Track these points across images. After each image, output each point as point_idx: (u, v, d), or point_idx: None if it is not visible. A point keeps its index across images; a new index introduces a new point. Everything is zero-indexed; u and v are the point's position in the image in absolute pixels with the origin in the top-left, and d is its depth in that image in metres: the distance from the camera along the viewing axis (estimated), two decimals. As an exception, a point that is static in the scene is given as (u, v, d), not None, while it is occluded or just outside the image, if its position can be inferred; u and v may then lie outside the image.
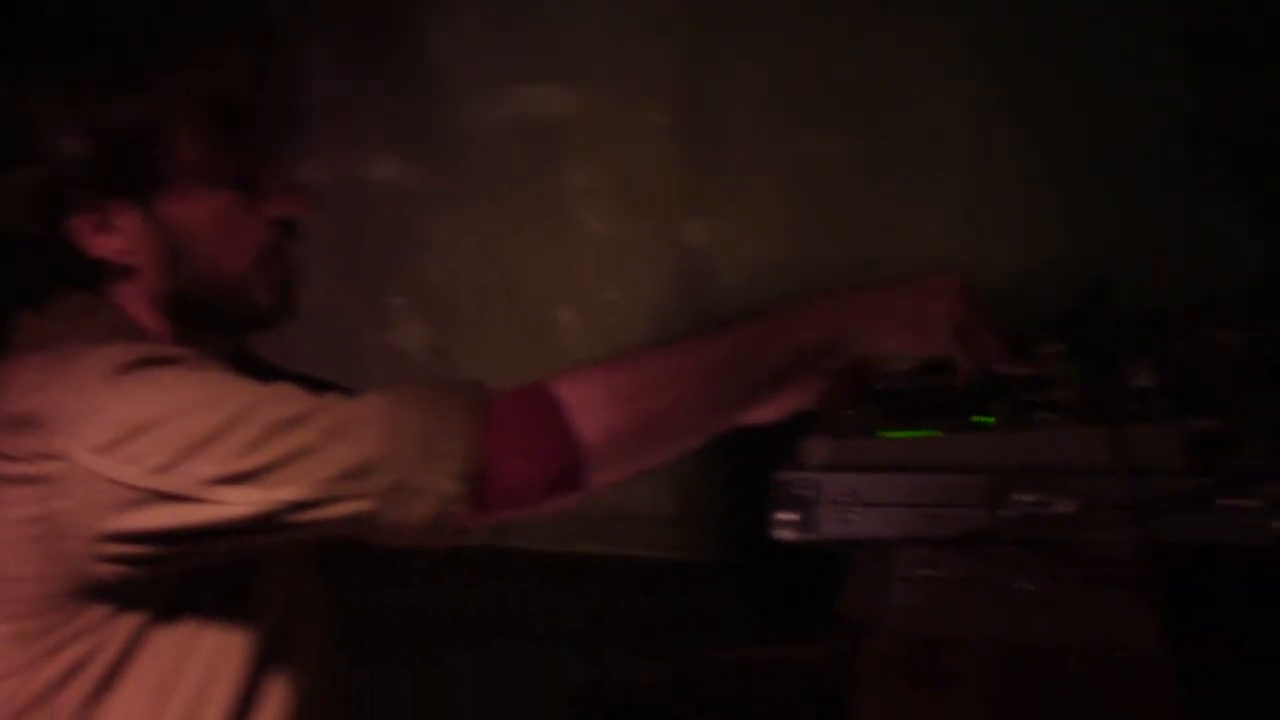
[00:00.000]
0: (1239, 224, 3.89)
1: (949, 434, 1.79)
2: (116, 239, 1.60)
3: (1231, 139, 3.88)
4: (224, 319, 1.68)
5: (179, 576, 1.58)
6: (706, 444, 1.64)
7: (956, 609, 1.62)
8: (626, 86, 4.38)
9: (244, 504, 1.47)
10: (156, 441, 1.46)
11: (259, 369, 1.71)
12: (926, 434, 1.79)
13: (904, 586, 1.67)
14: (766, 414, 1.71)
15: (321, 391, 1.55)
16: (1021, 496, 1.71)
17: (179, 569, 1.56)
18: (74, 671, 1.57)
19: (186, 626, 1.60)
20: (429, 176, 4.61)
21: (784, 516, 1.75)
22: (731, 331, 1.64)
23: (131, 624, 1.57)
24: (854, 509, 1.74)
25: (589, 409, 1.54)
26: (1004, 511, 1.71)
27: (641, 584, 4.33)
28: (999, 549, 1.71)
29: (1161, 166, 3.95)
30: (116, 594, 1.55)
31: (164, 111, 1.56)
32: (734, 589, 4.12)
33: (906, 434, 1.79)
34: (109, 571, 1.51)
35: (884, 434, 1.80)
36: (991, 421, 1.81)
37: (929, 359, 1.80)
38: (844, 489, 1.74)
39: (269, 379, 1.55)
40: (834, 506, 1.74)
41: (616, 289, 4.51)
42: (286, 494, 1.47)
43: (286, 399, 1.51)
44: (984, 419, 1.81)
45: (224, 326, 1.70)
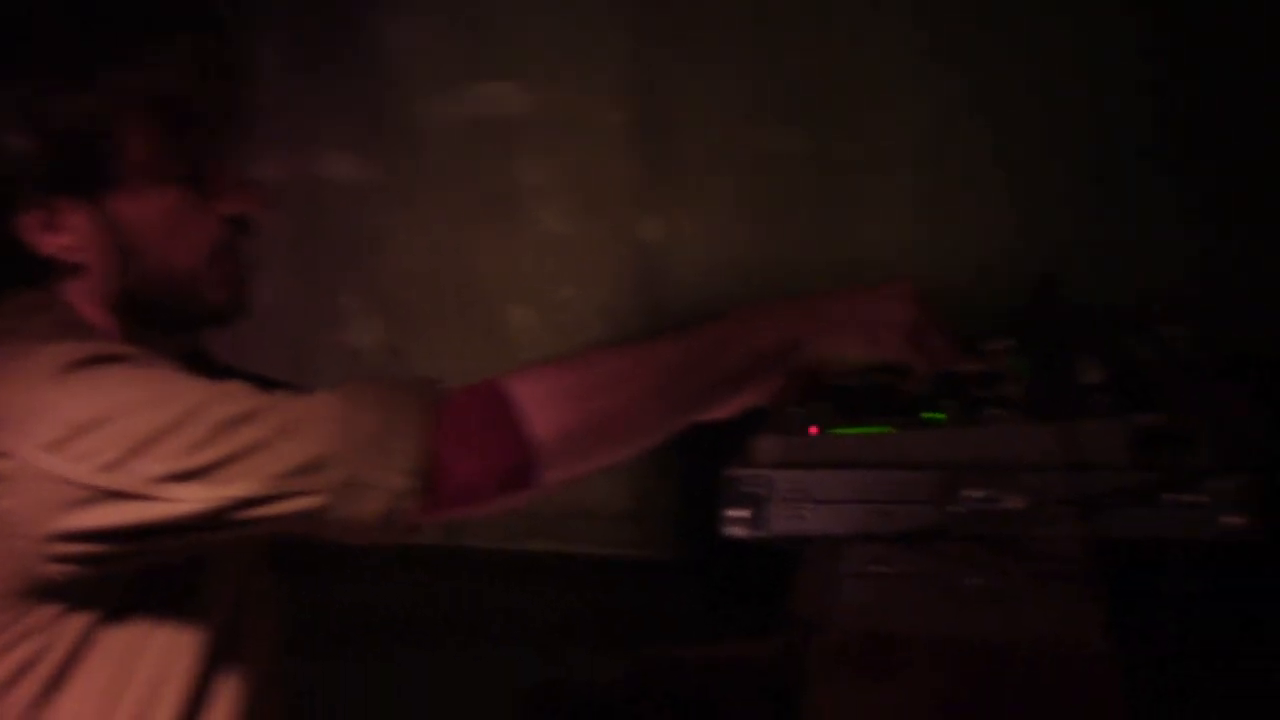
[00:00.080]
0: (1186, 223, 3.92)
1: (899, 430, 1.80)
2: (65, 237, 1.59)
3: (1180, 140, 3.91)
4: (175, 317, 1.67)
5: (129, 575, 1.57)
6: (662, 442, 1.64)
7: (906, 605, 1.63)
8: (581, 85, 4.39)
9: (193, 501, 1.47)
10: (105, 439, 1.46)
11: (211, 368, 1.71)
12: (877, 430, 1.80)
13: (854, 583, 1.68)
14: (719, 412, 1.72)
15: (272, 390, 1.54)
16: (971, 492, 1.72)
17: (129, 567, 1.55)
18: (23, 671, 1.56)
19: (136, 625, 1.59)
20: (383, 174, 4.61)
21: (734, 513, 1.76)
22: (688, 333, 1.65)
23: (81, 623, 1.56)
24: (804, 506, 1.75)
25: (541, 407, 1.54)
26: (953, 507, 1.72)
27: (596, 581, 4.34)
28: (948, 545, 1.72)
29: (1110, 167, 3.98)
30: (66, 593, 1.54)
31: (113, 109, 1.55)
32: (689, 586, 4.13)
33: (857, 430, 1.80)
34: (58, 571, 1.50)
35: (835, 431, 1.81)
36: (942, 418, 1.82)
37: (884, 363, 1.81)
38: (794, 486, 1.75)
39: (221, 378, 1.55)
40: (784, 503, 1.75)
41: (571, 286, 4.51)
42: (236, 490, 1.47)
43: (236, 396, 1.51)
44: (934, 415, 1.82)
45: (175, 324, 1.69)
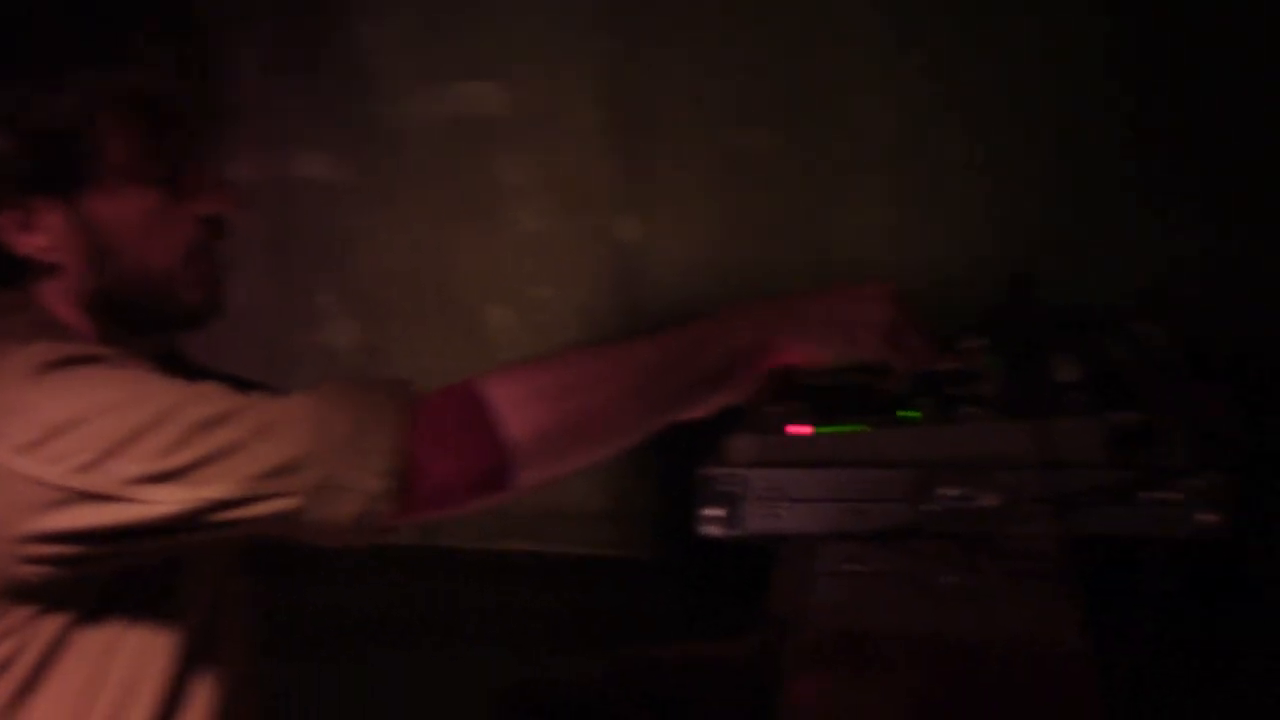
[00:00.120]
0: (1162, 221, 3.93)
1: (875, 429, 1.80)
2: (41, 237, 1.59)
3: (1153, 138, 3.92)
4: (151, 318, 1.67)
5: (105, 577, 1.57)
6: (639, 442, 1.64)
7: (881, 603, 1.64)
8: (558, 84, 4.38)
9: (168, 503, 1.46)
10: (80, 441, 1.46)
11: (187, 369, 1.71)
12: (853, 429, 1.80)
13: (828, 581, 1.68)
14: (696, 412, 1.72)
15: (248, 391, 1.54)
16: (946, 491, 1.72)
17: (104, 569, 1.55)
18: (-3, 673, 1.56)
19: (111, 626, 1.59)
20: (360, 174, 4.60)
21: (710, 512, 1.76)
22: (665, 334, 1.65)
23: (56, 625, 1.56)
24: (780, 504, 1.75)
25: (516, 408, 1.54)
26: (928, 506, 1.72)
27: (573, 581, 4.33)
28: (923, 543, 1.72)
29: (1086, 165, 3.99)
30: (41, 594, 1.53)
31: (90, 110, 1.55)
32: (666, 586, 4.13)
33: (833, 429, 1.81)
34: (33, 572, 1.49)
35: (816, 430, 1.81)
36: (917, 416, 1.83)
37: (861, 362, 1.81)
38: (770, 484, 1.75)
39: (196, 379, 1.54)
40: (759, 502, 1.75)
41: (548, 286, 4.51)
42: (211, 492, 1.46)
43: (211, 398, 1.50)
44: (909, 414, 1.83)
45: (151, 326, 1.68)
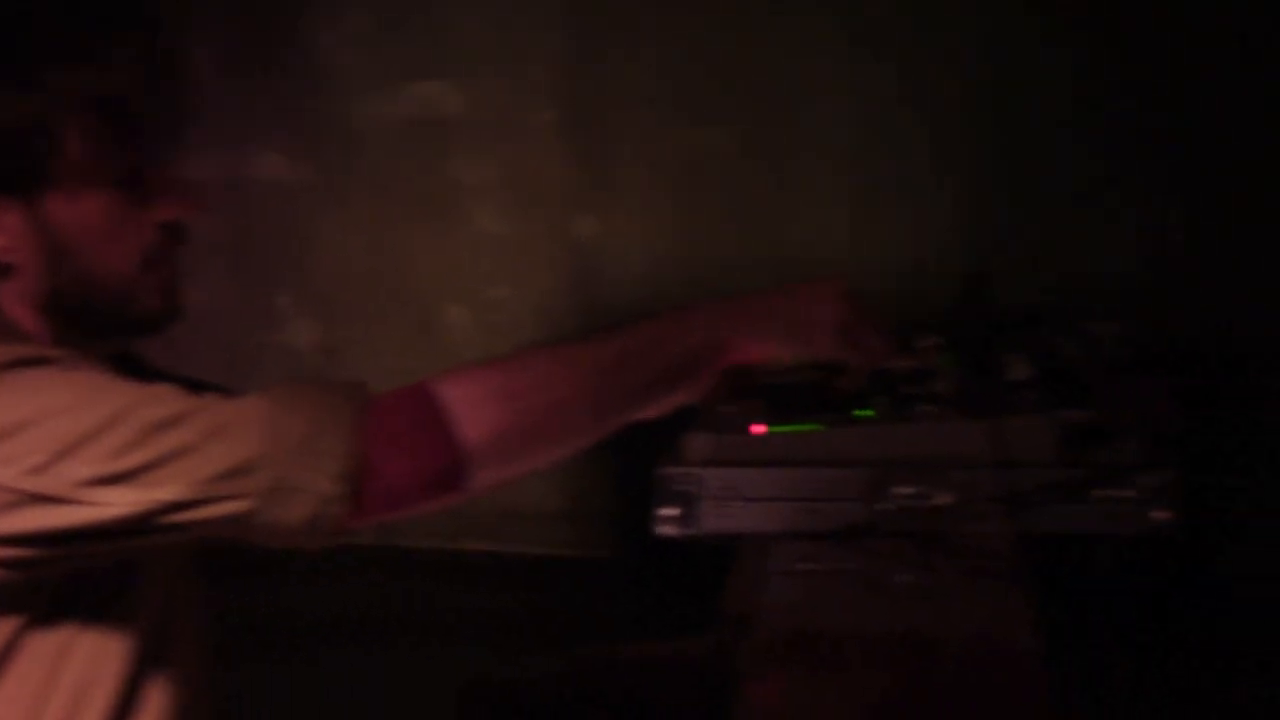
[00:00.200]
0: (1115, 222, 3.95)
1: (829, 428, 1.80)
2: (-1, 237, 1.58)
3: (1115, 135, 3.94)
4: (107, 322, 1.66)
5: (56, 579, 1.56)
6: (596, 442, 1.64)
7: (835, 602, 1.64)
8: (514, 83, 4.38)
9: (121, 505, 1.45)
10: (31, 443, 1.45)
11: (141, 370, 1.70)
12: (808, 428, 1.81)
13: (782, 580, 1.68)
14: (651, 411, 1.72)
15: (201, 393, 1.53)
16: (900, 489, 1.73)
17: (56, 572, 1.54)
18: (-51, 677, 1.55)
19: (64, 630, 1.58)
20: (316, 174, 4.59)
21: (666, 512, 1.77)
22: (620, 333, 1.64)
23: (8, 628, 1.55)
24: (734, 504, 1.75)
25: (472, 408, 1.54)
26: (883, 504, 1.73)
27: (531, 581, 4.33)
28: (878, 542, 1.73)
29: (1040, 166, 4.01)
30: (-8, 598, 1.53)
31: (52, 110, 1.53)
32: (623, 585, 4.13)
33: (788, 428, 1.81)
34: (-15, 575, 1.49)
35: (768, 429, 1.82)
36: (872, 414, 1.83)
37: (821, 361, 1.81)
38: (724, 484, 1.76)
39: (150, 380, 1.53)
40: (714, 501, 1.76)
41: (506, 286, 4.50)
42: (164, 494, 1.46)
43: (164, 399, 1.50)
44: (864, 412, 1.83)
45: (107, 330, 1.67)
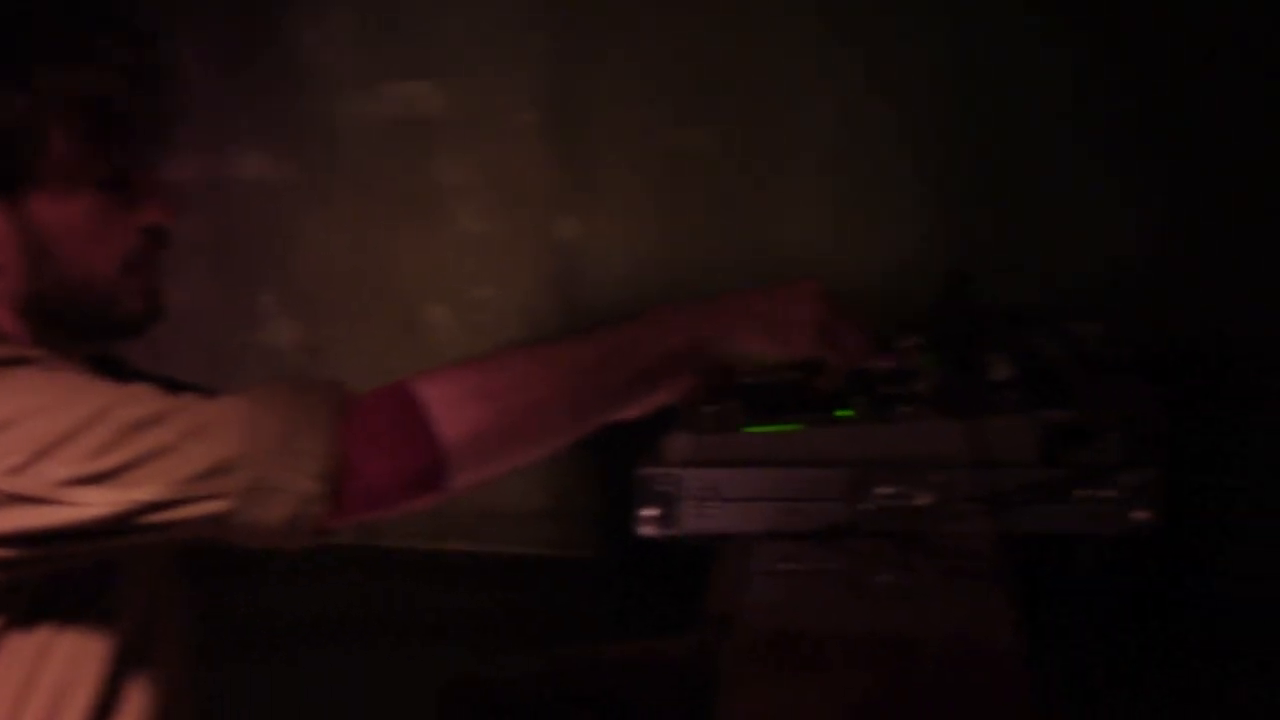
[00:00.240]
0: (1100, 219, 3.96)
1: (809, 428, 1.80)
2: (-19, 236, 1.57)
3: (1093, 135, 3.95)
4: (88, 324, 1.65)
5: (36, 580, 1.55)
6: (576, 442, 1.64)
7: (816, 602, 1.64)
8: (496, 83, 4.38)
9: (99, 505, 1.45)
10: (9, 443, 1.44)
11: (120, 370, 1.69)
12: (788, 428, 1.81)
13: (763, 580, 1.68)
14: (631, 411, 1.72)
15: (181, 392, 1.53)
16: (881, 489, 1.73)
17: (35, 572, 1.54)
18: (-73, 678, 1.55)
19: (44, 629, 1.58)
20: (299, 174, 4.58)
21: (647, 512, 1.77)
22: (600, 333, 1.64)
23: (-13, 628, 1.55)
24: (714, 504, 1.75)
25: (451, 407, 1.54)
26: (863, 504, 1.73)
27: (513, 581, 4.33)
28: (859, 542, 1.73)
29: (1022, 165, 4.01)
30: (-29, 599, 1.53)
31: (38, 110, 1.53)
32: (604, 585, 4.13)
33: (768, 429, 1.81)
34: (-37, 576, 1.49)
35: (746, 429, 1.82)
36: (852, 414, 1.83)
37: (800, 360, 1.81)
38: (704, 484, 1.76)
39: (129, 380, 1.53)
40: (695, 502, 1.76)
41: (488, 286, 4.50)
42: (142, 494, 1.45)
43: (142, 399, 1.49)
44: (845, 412, 1.83)
45: (88, 332, 1.67)
